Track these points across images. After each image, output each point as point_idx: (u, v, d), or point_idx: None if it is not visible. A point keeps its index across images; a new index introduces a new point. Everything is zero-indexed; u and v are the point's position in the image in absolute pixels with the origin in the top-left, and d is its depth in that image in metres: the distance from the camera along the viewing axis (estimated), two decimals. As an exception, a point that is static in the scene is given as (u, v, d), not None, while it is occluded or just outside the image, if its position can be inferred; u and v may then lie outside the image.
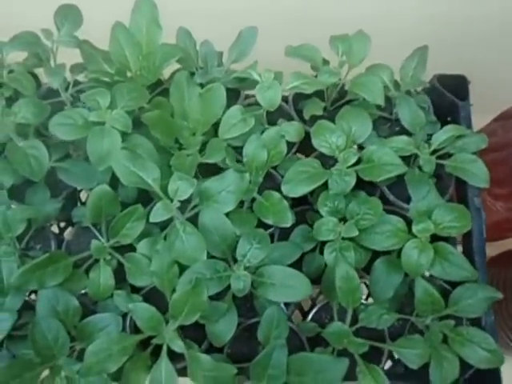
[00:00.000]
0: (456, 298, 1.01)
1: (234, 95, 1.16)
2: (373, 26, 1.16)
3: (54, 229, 1.25)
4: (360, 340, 0.97)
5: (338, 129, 1.07)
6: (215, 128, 1.08)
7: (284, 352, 0.92)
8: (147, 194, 1.05)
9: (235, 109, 1.06)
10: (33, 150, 1.01)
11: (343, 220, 1.03)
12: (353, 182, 1.02)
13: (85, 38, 1.11)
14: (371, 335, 1.01)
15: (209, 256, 0.97)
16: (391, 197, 1.12)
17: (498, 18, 1.55)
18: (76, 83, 1.12)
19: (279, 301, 1.00)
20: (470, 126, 1.19)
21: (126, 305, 0.99)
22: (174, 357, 0.91)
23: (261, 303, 1.03)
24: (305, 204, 1.15)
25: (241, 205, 1.05)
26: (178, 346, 0.91)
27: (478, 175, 1.08)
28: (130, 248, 1.04)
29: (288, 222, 1.01)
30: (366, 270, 1.07)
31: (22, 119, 1.01)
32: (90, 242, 1.03)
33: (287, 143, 1.09)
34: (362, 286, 0.99)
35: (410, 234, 1.01)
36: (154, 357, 0.93)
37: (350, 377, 0.96)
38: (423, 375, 1.04)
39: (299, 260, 1.06)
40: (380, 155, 1.04)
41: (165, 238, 0.99)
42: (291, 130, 1.10)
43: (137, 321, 0.92)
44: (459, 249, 1.11)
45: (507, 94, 1.52)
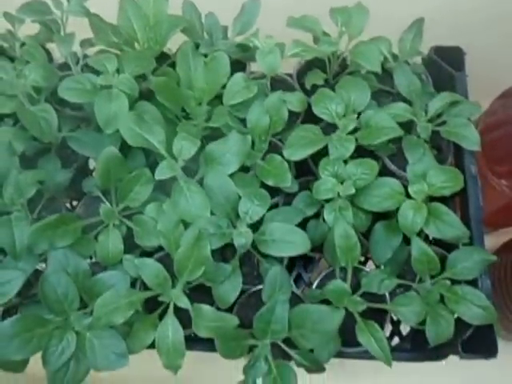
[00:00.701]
0: (453, 261, 1.04)
1: (239, 68, 1.20)
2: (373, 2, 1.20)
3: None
4: (359, 299, 1.00)
5: (337, 97, 1.11)
6: (220, 100, 1.12)
7: (286, 307, 0.95)
8: (155, 165, 1.08)
9: (239, 76, 1.10)
10: (43, 113, 1.05)
11: (343, 183, 1.06)
12: (352, 147, 1.06)
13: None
14: (374, 303, 1.04)
15: (212, 215, 1.01)
16: (392, 167, 1.15)
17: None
18: (86, 57, 1.16)
19: (280, 255, 1.03)
20: (466, 96, 1.23)
21: (135, 269, 1.01)
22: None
23: (266, 269, 1.06)
24: (308, 175, 1.19)
25: (245, 171, 1.09)
26: (184, 302, 0.94)
27: (469, 138, 1.10)
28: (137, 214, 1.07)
29: (288, 182, 1.04)
30: (367, 238, 1.11)
31: (32, 82, 1.05)
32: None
33: (291, 114, 1.12)
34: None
35: (407, 196, 1.05)
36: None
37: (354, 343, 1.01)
38: (428, 351, 1.08)
39: (303, 228, 1.08)
40: (377, 120, 1.07)
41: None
42: (294, 100, 1.13)
43: (143, 277, 0.96)
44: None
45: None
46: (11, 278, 0.97)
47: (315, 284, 1.14)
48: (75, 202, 1.34)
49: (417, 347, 1.21)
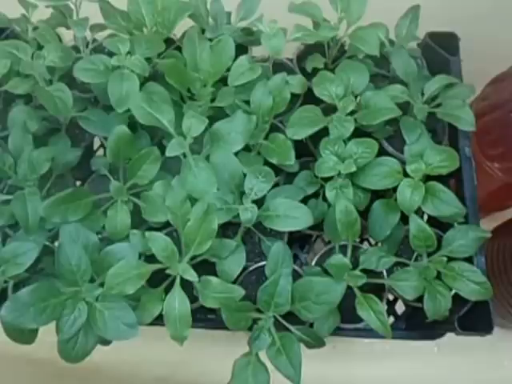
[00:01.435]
0: (449, 239, 1.08)
1: (242, 52, 1.23)
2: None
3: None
4: (359, 273, 1.04)
5: (337, 79, 1.15)
6: (224, 83, 1.16)
7: (289, 280, 1.00)
8: (161, 144, 1.13)
9: (243, 58, 1.15)
10: (58, 92, 1.09)
11: (342, 162, 1.10)
12: (351, 127, 1.10)
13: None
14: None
15: (218, 191, 1.05)
16: (390, 149, 1.20)
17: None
18: (95, 41, 1.21)
19: (284, 230, 1.07)
20: (460, 80, 1.27)
21: (141, 244, 1.05)
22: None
23: (268, 247, 1.11)
24: (307, 156, 1.24)
25: (248, 150, 1.13)
26: (191, 275, 0.98)
27: (465, 119, 1.14)
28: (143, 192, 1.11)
29: (291, 160, 1.09)
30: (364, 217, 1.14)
31: (50, 62, 1.11)
32: (107, 190, 1.10)
33: (291, 97, 1.16)
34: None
35: (405, 176, 1.09)
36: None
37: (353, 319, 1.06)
38: (424, 330, 1.13)
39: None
40: (376, 101, 1.12)
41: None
42: (295, 82, 1.18)
43: (153, 249, 0.99)
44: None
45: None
46: (26, 250, 1.02)
47: (314, 262, 1.18)
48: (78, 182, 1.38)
49: (412, 326, 1.26)
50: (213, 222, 0.97)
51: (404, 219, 1.11)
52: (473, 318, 1.08)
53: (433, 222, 1.14)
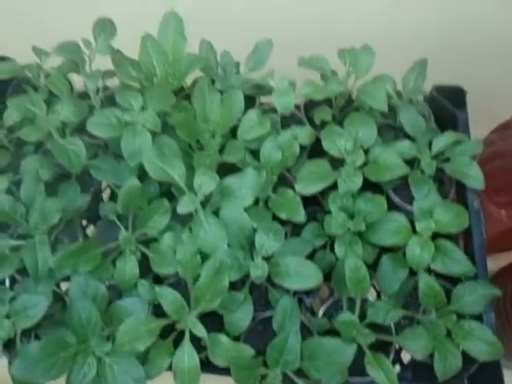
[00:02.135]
0: (458, 295, 1.08)
1: (249, 101, 1.25)
2: (378, 39, 1.26)
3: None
4: (368, 331, 1.04)
5: (345, 133, 1.16)
6: (232, 132, 1.18)
7: (298, 338, 1.00)
8: (169, 192, 1.14)
9: (253, 113, 1.16)
10: (72, 146, 1.11)
11: (351, 217, 1.11)
12: (360, 181, 1.11)
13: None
14: (379, 333, 1.07)
15: (228, 247, 1.05)
16: (396, 199, 1.20)
17: (497, 35, 1.65)
18: (105, 88, 1.22)
19: (294, 288, 1.08)
20: (467, 134, 1.28)
21: (149, 294, 1.06)
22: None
23: (275, 297, 1.11)
24: (315, 205, 1.23)
25: (256, 203, 1.13)
26: (200, 330, 0.99)
27: (474, 177, 1.16)
28: (151, 242, 1.12)
29: (301, 216, 1.10)
30: (374, 269, 1.14)
31: (64, 118, 1.13)
32: (115, 235, 1.11)
33: (299, 148, 1.17)
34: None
35: (414, 232, 1.10)
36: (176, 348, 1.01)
37: (359, 372, 1.05)
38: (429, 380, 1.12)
39: (311, 258, 1.14)
40: (384, 157, 1.13)
41: (190, 229, 1.07)
42: (303, 134, 1.19)
43: (162, 304, 1.00)
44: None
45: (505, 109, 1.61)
46: (37, 303, 1.03)
47: (321, 312, 1.18)
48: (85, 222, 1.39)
49: (419, 376, 1.25)
50: (224, 280, 0.98)
51: (412, 270, 1.11)
52: (482, 376, 1.08)
53: (441, 274, 1.13)
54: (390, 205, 1.15)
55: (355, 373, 1.08)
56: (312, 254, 1.15)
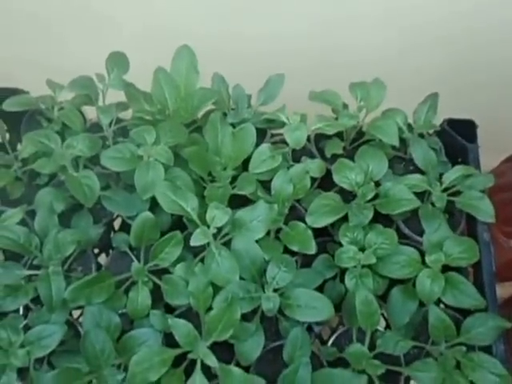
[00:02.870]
0: (468, 326, 1.09)
1: (260, 134, 1.27)
2: (390, 71, 1.28)
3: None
4: (377, 362, 1.05)
5: (356, 166, 1.18)
6: (243, 164, 1.20)
7: (308, 369, 1.01)
8: (180, 223, 1.15)
9: (264, 147, 1.18)
10: (86, 180, 1.13)
11: (362, 250, 1.12)
12: (370, 214, 1.13)
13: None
14: (388, 362, 1.07)
15: (240, 279, 1.06)
16: (406, 230, 1.21)
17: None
18: (118, 121, 1.24)
19: (305, 321, 1.09)
20: (478, 167, 1.29)
21: (161, 324, 1.07)
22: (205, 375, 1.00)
23: (285, 327, 1.12)
24: (325, 235, 1.24)
25: (267, 234, 1.14)
26: (212, 360, 0.99)
27: (485, 211, 1.17)
28: (163, 272, 1.13)
29: (312, 250, 1.11)
30: (384, 300, 1.15)
31: (79, 152, 1.15)
32: (127, 266, 1.12)
33: (310, 179, 1.19)
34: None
35: (424, 264, 1.11)
36: (187, 376, 1.01)
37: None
38: None
39: (321, 288, 1.15)
40: (395, 191, 1.15)
41: (202, 261, 1.09)
42: (314, 167, 1.21)
43: (175, 335, 1.00)
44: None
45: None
46: (51, 333, 1.04)
47: (330, 341, 1.18)
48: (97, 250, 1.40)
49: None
50: (236, 312, 0.99)
51: (421, 301, 1.11)
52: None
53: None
54: (400, 235, 1.16)
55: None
56: (322, 284, 1.16)
